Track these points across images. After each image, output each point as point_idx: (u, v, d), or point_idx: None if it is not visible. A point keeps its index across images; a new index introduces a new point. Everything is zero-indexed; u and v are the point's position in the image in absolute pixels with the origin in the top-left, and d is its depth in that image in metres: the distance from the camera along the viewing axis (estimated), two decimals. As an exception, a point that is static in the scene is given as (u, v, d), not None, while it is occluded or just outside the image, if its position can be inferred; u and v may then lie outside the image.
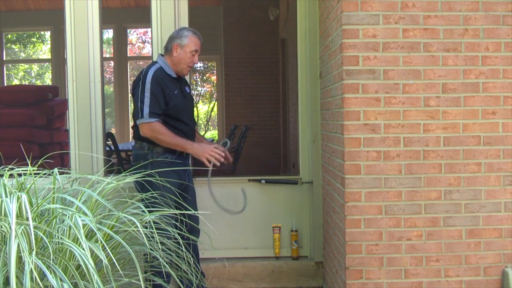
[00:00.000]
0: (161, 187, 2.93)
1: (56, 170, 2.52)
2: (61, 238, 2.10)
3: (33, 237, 1.91)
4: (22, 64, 10.86)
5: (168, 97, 3.17)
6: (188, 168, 3.33)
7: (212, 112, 11.68)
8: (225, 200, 3.57)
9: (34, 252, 1.91)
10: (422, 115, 2.80)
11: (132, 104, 3.35)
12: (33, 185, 2.27)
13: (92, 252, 2.02)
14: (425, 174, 2.81)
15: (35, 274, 1.86)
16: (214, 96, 11.03)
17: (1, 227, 2.02)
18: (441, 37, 2.79)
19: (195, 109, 3.62)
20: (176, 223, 2.78)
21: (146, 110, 3.11)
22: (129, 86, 9.39)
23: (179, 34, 3.27)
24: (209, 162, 3.18)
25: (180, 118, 3.25)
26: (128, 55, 10.24)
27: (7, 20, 8.01)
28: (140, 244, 2.49)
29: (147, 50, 11.95)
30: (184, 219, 2.86)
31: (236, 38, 8.17)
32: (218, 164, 3.21)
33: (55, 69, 8.76)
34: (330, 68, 3.19)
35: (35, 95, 6.02)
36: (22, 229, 1.94)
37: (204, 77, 11.83)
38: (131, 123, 9.51)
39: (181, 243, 2.54)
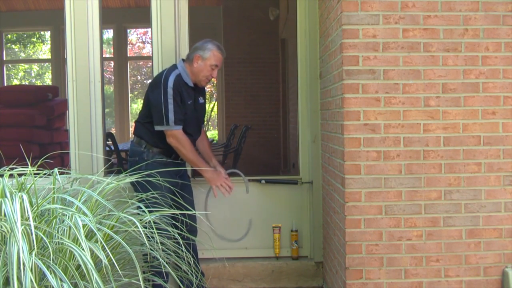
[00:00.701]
0: (155, 187, 2.93)
1: (56, 170, 2.52)
2: (61, 238, 2.10)
3: (34, 237, 1.91)
4: (22, 64, 10.87)
5: (183, 105, 3.21)
6: (182, 168, 3.30)
7: (212, 112, 11.68)
8: (225, 201, 3.58)
9: (34, 252, 1.91)
10: (422, 115, 2.80)
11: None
12: (33, 185, 2.27)
13: (92, 252, 2.02)
14: (425, 174, 2.81)
15: (32, 275, 1.85)
16: (214, 96, 11.03)
17: (1, 227, 2.02)
18: (441, 37, 2.79)
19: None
20: (173, 223, 2.78)
21: (171, 117, 3.13)
22: (129, 86, 9.40)
23: (204, 46, 3.26)
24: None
25: (185, 128, 3.25)
26: (128, 55, 10.25)
27: (7, 20, 8.01)
28: (140, 244, 2.49)
29: (147, 50, 11.96)
30: (183, 218, 2.86)
31: (236, 38, 8.17)
32: (225, 196, 3.33)
33: (55, 69, 8.76)
34: (330, 68, 3.19)
35: (35, 95, 6.02)
36: (22, 229, 1.94)
37: (204, 77, 11.81)
38: (131, 123, 9.53)
39: (181, 243, 2.54)
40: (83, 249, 1.97)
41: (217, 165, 3.46)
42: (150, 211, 2.50)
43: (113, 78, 10.40)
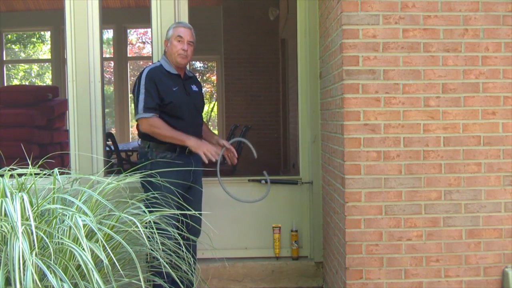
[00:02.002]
0: (163, 187, 2.93)
1: (56, 170, 2.52)
2: (61, 238, 2.10)
3: (35, 236, 1.91)
4: (22, 64, 10.86)
5: (163, 92, 3.20)
6: (192, 168, 3.29)
7: (212, 112, 11.69)
8: (225, 200, 3.58)
9: (34, 252, 1.91)
10: (422, 115, 2.80)
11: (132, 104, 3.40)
12: (33, 186, 2.28)
13: (92, 252, 2.02)
14: (425, 174, 2.81)
15: (35, 274, 1.86)
16: (214, 96, 11.03)
17: (1, 227, 2.02)
18: (441, 37, 2.79)
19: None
20: (177, 223, 2.78)
21: (141, 105, 3.19)
22: (129, 86, 9.41)
23: (167, 31, 3.37)
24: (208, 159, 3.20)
25: (178, 115, 3.25)
26: (128, 55, 10.24)
27: (7, 20, 8.01)
28: (140, 244, 2.49)
29: (147, 50, 11.95)
30: (185, 219, 2.86)
31: (236, 38, 8.17)
32: (213, 160, 3.22)
33: (55, 69, 8.77)
34: (330, 68, 3.19)
35: (35, 95, 6.02)
36: (23, 229, 1.94)
37: (204, 77, 11.84)
38: (132, 123, 9.53)
39: (181, 243, 2.54)
40: (83, 249, 1.97)
41: (219, 139, 3.48)
42: (151, 211, 2.50)
43: (113, 78, 10.40)
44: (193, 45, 3.32)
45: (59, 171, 2.55)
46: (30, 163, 2.47)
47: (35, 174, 2.38)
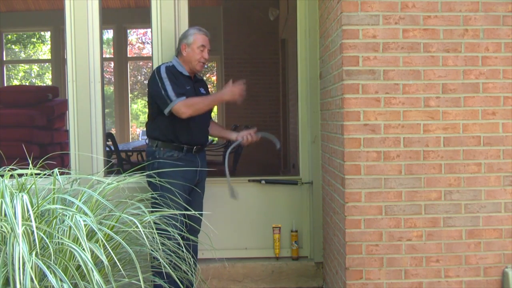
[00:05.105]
0: (159, 187, 2.94)
1: (56, 170, 2.53)
2: (61, 238, 2.11)
3: (36, 236, 1.91)
4: (22, 65, 10.87)
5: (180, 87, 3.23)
6: (198, 168, 3.29)
7: (212, 112, 11.70)
8: (226, 200, 3.58)
9: (34, 253, 1.92)
10: (422, 116, 2.80)
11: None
12: (33, 186, 2.28)
13: (92, 252, 2.02)
14: (425, 175, 2.81)
15: (33, 274, 1.86)
16: (214, 96, 11.01)
17: (1, 227, 2.02)
18: (441, 37, 2.80)
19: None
20: (183, 219, 2.81)
21: (172, 93, 3.15)
22: (129, 86, 9.41)
23: (185, 34, 3.35)
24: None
25: None
26: (128, 56, 10.25)
27: (7, 20, 8.02)
28: (141, 244, 2.49)
29: (147, 51, 11.96)
30: (185, 220, 2.87)
31: (236, 38, 8.17)
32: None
33: (55, 70, 8.77)
34: (330, 69, 3.19)
35: (35, 96, 6.02)
36: (23, 230, 1.94)
37: (204, 77, 11.83)
38: (131, 123, 9.53)
39: (181, 243, 2.55)
40: (83, 249, 1.97)
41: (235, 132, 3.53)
42: (156, 210, 2.50)
43: (113, 78, 10.40)
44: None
45: (59, 171, 2.55)
46: (30, 163, 2.47)
47: (35, 174, 2.39)
